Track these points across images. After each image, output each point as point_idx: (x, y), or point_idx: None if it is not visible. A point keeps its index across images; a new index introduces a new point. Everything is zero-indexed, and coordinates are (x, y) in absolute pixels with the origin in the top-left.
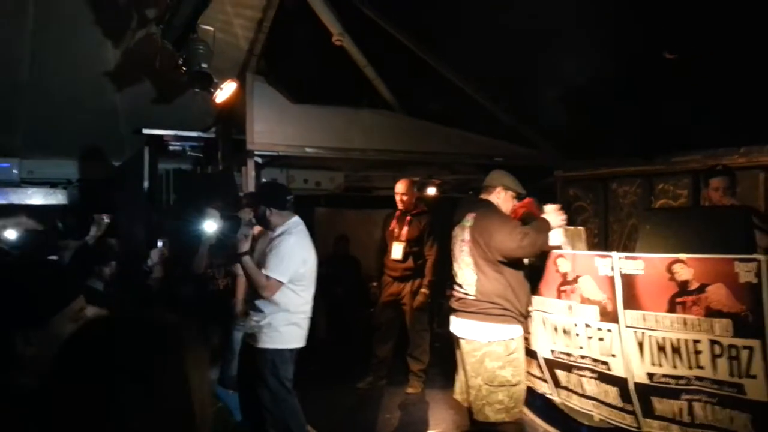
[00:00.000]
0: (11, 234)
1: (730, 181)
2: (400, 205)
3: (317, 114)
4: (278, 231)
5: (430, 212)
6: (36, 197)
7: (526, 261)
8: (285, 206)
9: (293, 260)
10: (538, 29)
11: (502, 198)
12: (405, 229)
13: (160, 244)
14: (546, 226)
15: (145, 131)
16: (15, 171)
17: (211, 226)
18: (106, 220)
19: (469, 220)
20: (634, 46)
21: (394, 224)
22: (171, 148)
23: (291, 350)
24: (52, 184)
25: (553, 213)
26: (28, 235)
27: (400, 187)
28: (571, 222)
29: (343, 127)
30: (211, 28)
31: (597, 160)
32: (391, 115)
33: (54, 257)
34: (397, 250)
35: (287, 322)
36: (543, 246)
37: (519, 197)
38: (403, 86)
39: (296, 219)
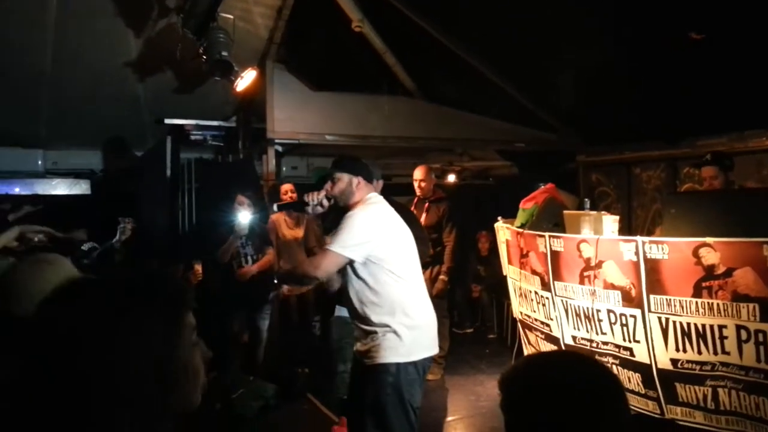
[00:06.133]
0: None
1: (720, 168)
2: (418, 192)
3: (337, 101)
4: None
5: (448, 199)
6: (60, 188)
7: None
8: (372, 178)
9: (368, 232)
10: (559, 11)
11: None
12: (423, 216)
13: None
14: None
15: (167, 121)
16: (39, 162)
17: (245, 216)
18: (130, 225)
19: None
20: (658, 26)
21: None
22: (192, 137)
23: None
24: (76, 174)
25: None
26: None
27: (418, 173)
28: (594, 207)
29: (363, 114)
30: (231, 17)
31: (620, 145)
32: (410, 101)
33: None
34: None
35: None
36: None
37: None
38: (423, 72)
39: (375, 193)
